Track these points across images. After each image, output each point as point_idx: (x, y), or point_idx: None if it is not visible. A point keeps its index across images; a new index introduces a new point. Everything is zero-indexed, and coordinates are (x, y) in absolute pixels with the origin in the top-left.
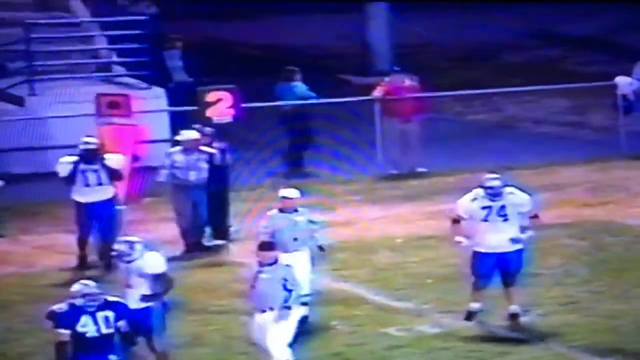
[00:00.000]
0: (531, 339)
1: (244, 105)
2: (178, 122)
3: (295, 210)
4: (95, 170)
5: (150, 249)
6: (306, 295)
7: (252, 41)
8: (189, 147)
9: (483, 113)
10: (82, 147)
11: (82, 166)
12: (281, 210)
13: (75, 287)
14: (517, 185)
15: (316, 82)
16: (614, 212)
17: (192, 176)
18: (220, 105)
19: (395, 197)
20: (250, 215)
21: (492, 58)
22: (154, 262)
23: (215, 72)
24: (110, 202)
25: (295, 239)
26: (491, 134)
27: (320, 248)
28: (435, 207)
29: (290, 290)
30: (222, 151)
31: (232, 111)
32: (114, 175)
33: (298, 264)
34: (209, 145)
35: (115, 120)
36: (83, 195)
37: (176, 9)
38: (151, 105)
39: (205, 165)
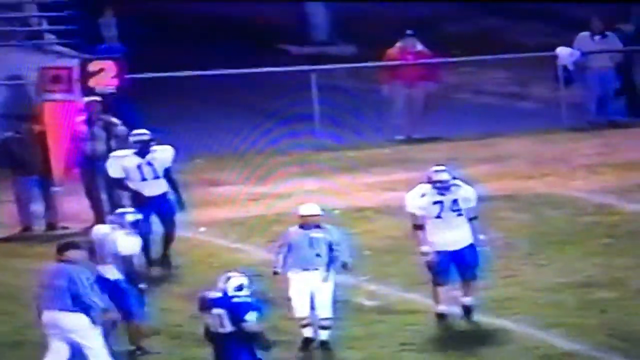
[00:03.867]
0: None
1: (130, 76)
2: None
3: (317, 227)
4: (150, 163)
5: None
6: (326, 319)
7: (188, 11)
8: (93, 116)
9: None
10: (135, 139)
11: (136, 160)
12: (301, 226)
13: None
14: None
15: (253, 51)
16: (555, 184)
17: (100, 147)
18: (103, 75)
19: (333, 169)
20: None
21: (432, 28)
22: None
23: (150, 41)
24: (174, 195)
25: (317, 255)
26: (430, 104)
27: (344, 266)
28: (373, 179)
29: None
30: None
31: (116, 81)
32: (166, 167)
33: (320, 284)
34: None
35: (57, 96)
36: (141, 190)
37: None
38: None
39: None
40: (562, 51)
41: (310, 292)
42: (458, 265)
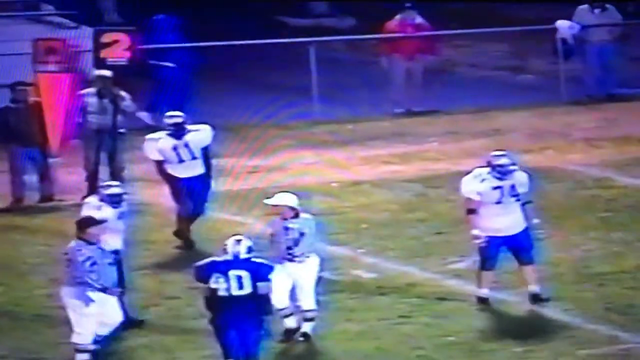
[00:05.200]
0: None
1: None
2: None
3: (296, 216)
4: (186, 145)
5: None
6: (309, 311)
7: None
8: (103, 89)
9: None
10: (168, 122)
11: (172, 142)
12: (284, 217)
13: (227, 242)
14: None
15: (252, 23)
16: (554, 158)
17: (107, 120)
18: (116, 47)
19: (331, 142)
20: None
21: (431, 1)
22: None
23: (147, 12)
24: (206, 175)
25: (289, 247)
26: (429, 78)
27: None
28: (371, 153)
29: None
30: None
31: (128, 54)
32: (204, 146)
33: (300, 274)
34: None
35: (52, 67)
36: (179, 171)
37: None
38: (78, 45)
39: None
40: (561, 24)
41: (291, 283)
42: (514, 249)
